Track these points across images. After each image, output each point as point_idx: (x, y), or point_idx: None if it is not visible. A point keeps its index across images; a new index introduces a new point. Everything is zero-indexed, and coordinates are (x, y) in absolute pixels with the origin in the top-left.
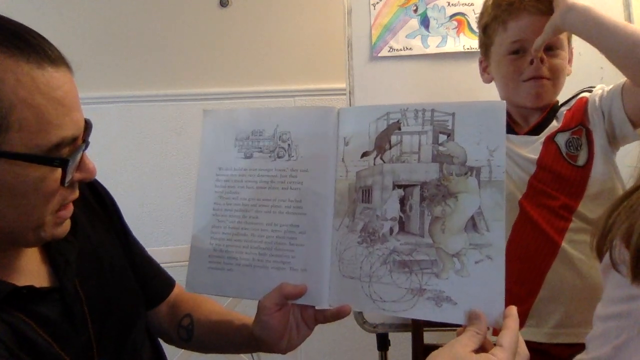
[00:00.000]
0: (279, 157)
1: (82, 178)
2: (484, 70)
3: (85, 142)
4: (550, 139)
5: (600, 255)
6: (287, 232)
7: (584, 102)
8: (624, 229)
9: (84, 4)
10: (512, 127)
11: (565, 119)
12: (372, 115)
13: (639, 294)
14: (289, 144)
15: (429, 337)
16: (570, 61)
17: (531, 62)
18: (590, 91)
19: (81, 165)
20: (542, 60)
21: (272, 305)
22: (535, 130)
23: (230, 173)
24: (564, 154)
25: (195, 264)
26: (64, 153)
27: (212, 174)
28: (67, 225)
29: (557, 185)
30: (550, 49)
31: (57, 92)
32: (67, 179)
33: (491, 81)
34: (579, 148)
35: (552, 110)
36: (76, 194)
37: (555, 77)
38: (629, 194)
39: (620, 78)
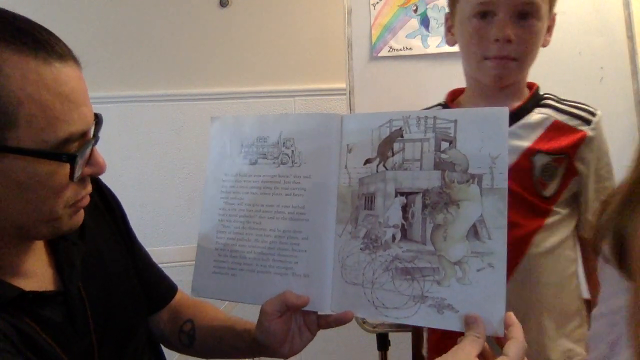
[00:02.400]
0: (282, 164)
1: (92, 173)
2: (449, 29)
3: (95, 137)
4: (528, 156)
5: (597, 253)
6: (290, 238)
7: (582, 138)
8: (616, 222)
9: (84, 4)
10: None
11: (551, 136)
12: (375, 122)
13: (628, 287)
14: (292, 150)
15: None
16: (550, 30)
17: (496, 40)
18: (589, 122)
19: (91, 160)
20: (509, 40)
21: (273, 311)
22: (511, 118)
23: (235, 179)
24: (535, 178)
25: (201, 268)
26: (72, 148)
27: (218, 179)
28: (80, 216)
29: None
30: (524, 17)
31: (64, 88)
32: (76, 174)
33: (455, 44)
34: (552, 177)
35: (533, 99)
36: (88, 188)
37: (524, 55)
38: (622, 189)
39: (620, 79)
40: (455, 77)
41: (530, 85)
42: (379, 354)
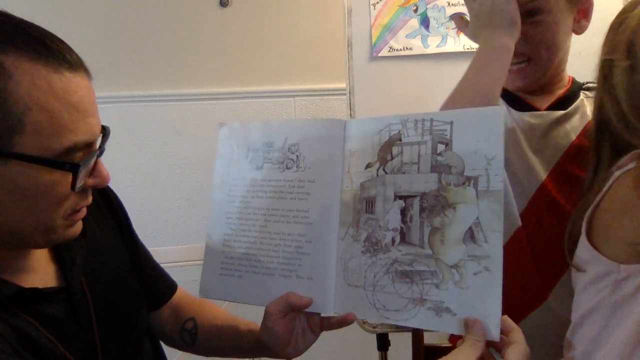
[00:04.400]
0: (287, 168)
1: (95, 184)
2: None
3: (101, 148)
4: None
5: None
6: (294, 241)
7: None
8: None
9: (84, 4)
10: (528, 103)
11: None
12: (376, 126)
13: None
14: (297, 155)
15: (429, 337)
16: (585, 14)
17: None
18: None
19: (95, 172)
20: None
21: (277, 312)
22: (561, 104)
23: (242, 183)
24: None
25: (208, 270)
26: (76, 158)
27: (226, 184)
28: (78, 227)
29: (574, 195)
30: (530, 15)
31: (73, 97)
32: (78, 185)
33: None
34: None
35: (574, 85)
36: (89, 199)
37: (537, 52)
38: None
39: None
40: (456, 77)
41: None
42: (379, 354)
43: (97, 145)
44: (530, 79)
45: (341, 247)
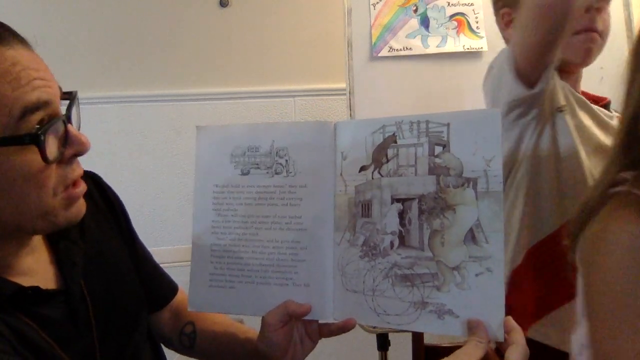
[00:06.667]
0: (276, 173)
1: (74, 152)
2: (507, 25)
3: (67, 114)
4: None
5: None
6: (288, 248)
7: None
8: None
9: (84, 3)
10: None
11: None
12: (368, 128)
13: None
14: (286, 160)
15: (429, 337)
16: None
17: (587, 11)
18: None
19: (70, 140)
20: (599, 10)
21: (276, 322)
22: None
23: (227, 190)
24: None
25: (196, 283)
26: (33, 120)
27: (208, 191)
28: (81, 206)
29: None
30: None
31: (14, 68)
32: (50, 155)
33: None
34: None
35: None
36: (77, 170)
37: (605, 35)
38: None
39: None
40: (455, 77)
41: None
42: (379, 354)
43: (60, 112)
44: (598, 50)
45: (338, 252)
